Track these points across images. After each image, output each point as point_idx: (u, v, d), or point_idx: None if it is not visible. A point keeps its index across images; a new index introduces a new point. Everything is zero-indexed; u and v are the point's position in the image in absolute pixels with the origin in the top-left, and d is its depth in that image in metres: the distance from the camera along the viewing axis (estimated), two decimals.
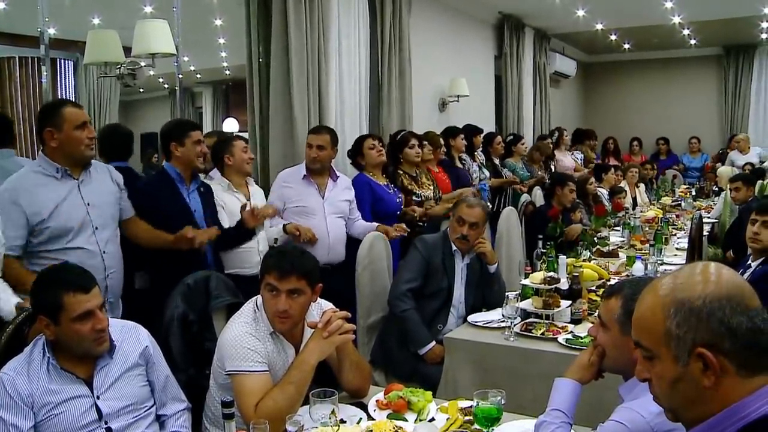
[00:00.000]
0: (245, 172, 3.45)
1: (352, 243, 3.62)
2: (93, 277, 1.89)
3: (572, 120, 10.00)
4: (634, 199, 6.96)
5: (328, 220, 3.62)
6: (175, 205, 3.02)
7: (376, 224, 3.75)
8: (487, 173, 5.75)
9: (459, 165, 5.34)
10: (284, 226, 3.51)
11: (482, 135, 5.99)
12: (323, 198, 3.65)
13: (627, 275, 3.66)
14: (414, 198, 4.24)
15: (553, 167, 7.01)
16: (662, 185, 8.01)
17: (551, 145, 7.07)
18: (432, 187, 4.48)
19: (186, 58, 4.56)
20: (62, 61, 4.66)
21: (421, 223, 4.17)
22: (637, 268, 3.67)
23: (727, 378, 1.03)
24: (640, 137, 9.78)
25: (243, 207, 3.25)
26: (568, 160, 7.40)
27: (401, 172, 4.31)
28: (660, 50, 9.91)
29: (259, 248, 3.37)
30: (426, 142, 4.59)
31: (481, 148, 6.01)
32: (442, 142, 5.04)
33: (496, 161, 6.15)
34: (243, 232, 3.26)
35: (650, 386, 1.14)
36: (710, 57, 10.06)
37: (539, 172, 6.53)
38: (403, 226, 3.75)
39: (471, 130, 5.76)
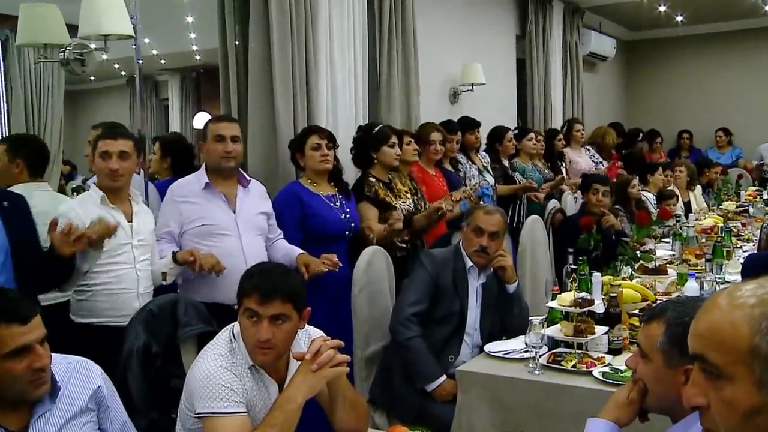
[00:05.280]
0: (106, 186, 2.96)
1: None
2: (33, 305, 1.86)
3: (611, 111, 10.02)
4: (688, 204, 6.94)
5: (244, 240, 3.25)
6: None
7: (299, 250, 3.42)
8: (491, 180, 5.43)
9: (449, 168, 5.08)
10: (173, 254, 3.07)
11: (478, 129, 5.52)
12: (234, 211, 3.28)
13: (678, 297, 3.65)
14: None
15: (564, 169, 6.76)
16: (724, 187, 7.94)
17: (562, 142, 6.84)
18: (410, 195, 4.14)
19: (147, 41, 4.58)
20: None
21: (403, 245, 3.87)
22: (691, 288, 3.60)
23: None
24: (690, 130, 9.79)
25: (53, 223, 2.65)
26: (584, 159, 7.08)
27: (373, 179, 3.96)
28: (723, 21, 9.65)
29: (139, 290, 2.96)
30: (411, 139, 4.34)
31: (484, 147, 5.75)
32: (440, 137, 4.71)
33: (506, 163, 5.83)
34: (55, 261, 2.64)
35: (703, 416, 1.10)
36: None
37: (547, 171, 6.27)
38: (334, 258, 3.31)
39: (466, 124, 5.44)
